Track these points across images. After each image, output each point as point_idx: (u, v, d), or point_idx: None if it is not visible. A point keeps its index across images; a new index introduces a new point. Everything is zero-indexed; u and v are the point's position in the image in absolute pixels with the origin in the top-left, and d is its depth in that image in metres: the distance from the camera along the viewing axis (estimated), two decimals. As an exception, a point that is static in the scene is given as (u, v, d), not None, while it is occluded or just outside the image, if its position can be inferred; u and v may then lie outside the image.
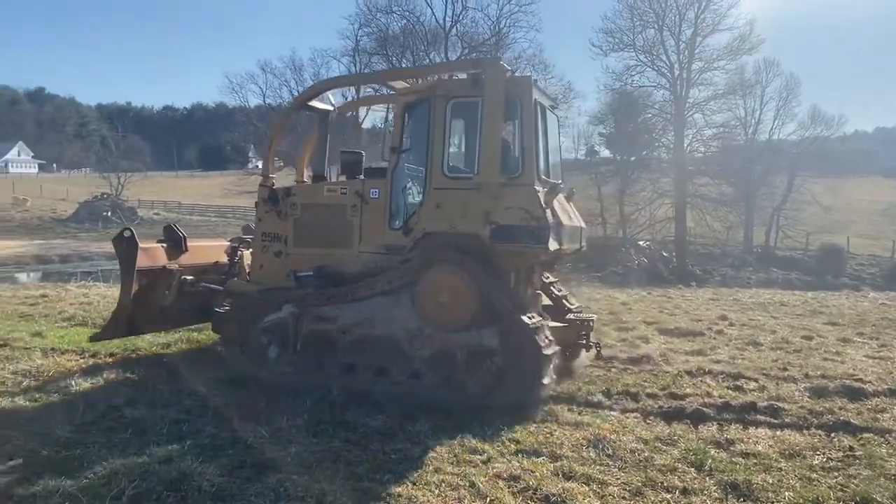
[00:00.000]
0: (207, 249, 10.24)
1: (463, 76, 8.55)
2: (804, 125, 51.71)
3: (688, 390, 8.17)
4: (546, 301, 9.45)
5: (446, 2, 50.40)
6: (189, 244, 9.72)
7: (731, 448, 6.30)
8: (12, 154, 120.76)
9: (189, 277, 9.45)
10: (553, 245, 7.73)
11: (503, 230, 7.73)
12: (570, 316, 9.27)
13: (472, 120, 8.32)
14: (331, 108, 10.33)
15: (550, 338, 7.73)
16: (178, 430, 6.37)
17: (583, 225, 9.28)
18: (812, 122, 51.76)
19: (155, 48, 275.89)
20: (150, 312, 9.14)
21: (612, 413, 7.35)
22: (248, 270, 9.58)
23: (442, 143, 8.15)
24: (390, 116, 9.06)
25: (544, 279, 9.57)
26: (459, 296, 7.62)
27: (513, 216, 7.72)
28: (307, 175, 10.35)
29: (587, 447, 6.18)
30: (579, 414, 7.22)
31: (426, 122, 8.26)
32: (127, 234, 8.83)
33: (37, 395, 7.41)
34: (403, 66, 49.10)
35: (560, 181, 8.90)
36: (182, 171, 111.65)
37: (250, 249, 9.62)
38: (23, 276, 28.56)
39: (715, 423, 7.07)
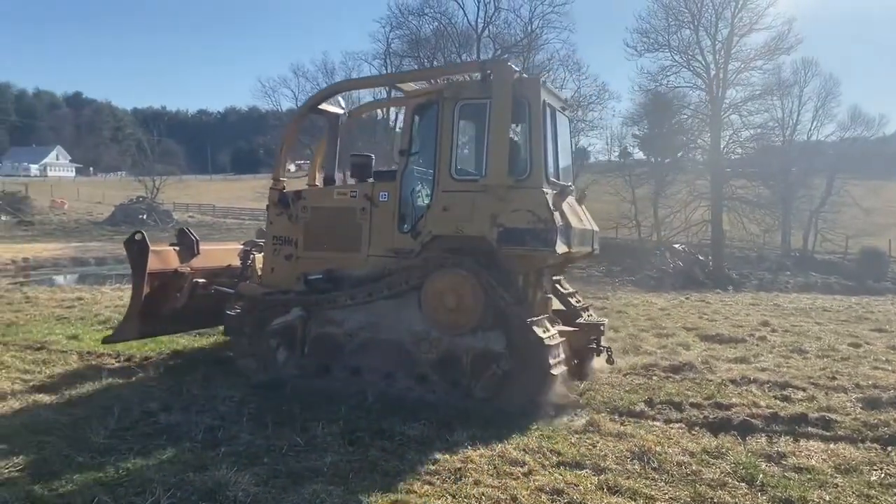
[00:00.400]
0: (220, 253, 10.28)
1: (471, 78, 8.44)
2: (844, 126, 50.59)
3: (733, 400, 7.89)
4: (558, 305, 9.24)
5: (478, 3, 50.22)
6: (201, 247, 9.74)
7: (783, 462, 6.02)
8: (51, 158, 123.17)
9: (201, 280, 9.44)
10: (561, 248, 7.65)
11: (510, 233, 7.65)
12: (581, 320, 9.11)
13: (480, 122, 8.23)
14: (341, 111, 10.31)
15: (557, 338, 7.64)
16: (212, 436, 6.30)
17: (595, 228, 9.14)
18: (852, 122, 50.63)
19: (189, 53, 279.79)
20: (161, 315, 9.19)
21: (655, 423, 7.11)
22: (259, 273, 9.55)
23: (450, 146, 8.10)
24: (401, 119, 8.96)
25: (556, 282, 9.43)
26: (465, 299, 7.56)
27: (520, 219, 7.64)
28: (319, 179, 10.29)
29: (632, 459, 5.96)
30: (622, 424, 6.99)
31: (435, 124, 8.21)
32: (138, 237, 8.88)
33: (73, 400, 7.40)
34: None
35: (570, 184, 8.77)
36: (216, 175, 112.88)
37: (263, 253, 9.60)
38: (60, 279, 28.98)
39: (764, 435, 6.79)
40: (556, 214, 7.71)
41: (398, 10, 52.39)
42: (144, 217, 60.70)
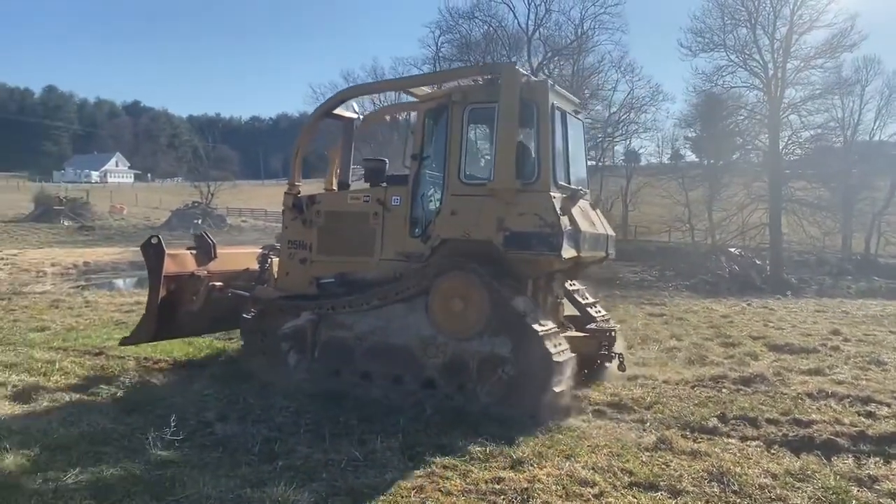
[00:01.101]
0: (238, 256, 10.31)
1: (481, 81, 8.39)
2: (908, 126, 48.68)
3: (813, 416, 7.41)
4: (572, 310, 9.28)
5: (529, 5, 49.72)
6: (219, 251, 9.79)
7: (875, 487, 5.59)
8: (110, 164, 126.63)
9: (218, 284, 9.38)
10: (568, 252, 7.56)
11: (516, 237, 7.60)
12: (592, 326, 8.99)
13: (488, 125, 8.14)
14: (355, 116, 10.32)
15: (564, 345, 7.52)
16: (269, 449, 6.13)
17: (609, 233, 9.04)
18: (917, 122, 48.67)
19: (242, 61, 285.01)
20: (178, 317, 9.23)
21: (730, 441, 6.72)
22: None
23: (459, 150, 8.06)
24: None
25: (570, 288, 9.34)
26: (470, 303, 7.52)
27: (526, 223, 7.59)
28: (335, 183, 10.30)
29: (709, 481, 5.59)
30: (695, 441, 6.62)
31: (445, 128, 8.18)
32: (154, 240, 8.94)
33: (130, 408, 7.32)
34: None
35: (581, 188, 8.64)
36: (268, 180, 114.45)
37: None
38: (119, 282, 29.55)
39: (850, 455, 6.34)
40: (564, 219, 7.65)
41: (448, 13, 52.32)
42: (199, 222, 61.73)
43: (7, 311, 14.68)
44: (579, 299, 9.37)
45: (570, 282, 9.42)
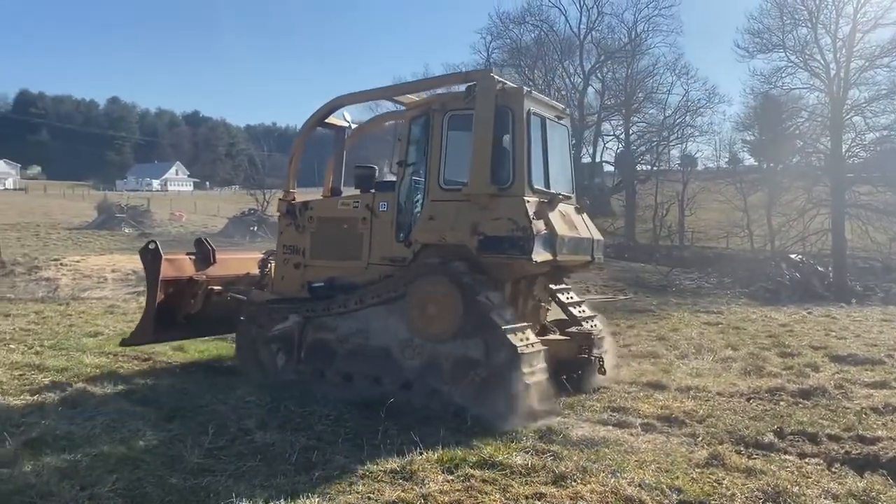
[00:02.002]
0: (237, 262, 10.66)
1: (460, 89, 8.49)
2: (981, 127, 46.42)
3: (879, 433, 6.98)
4: (560, 314, 9.36)
5: (581, 9, 49.35)
6: (218, 256, 10.13)
7: (948, 510, 5.20)
8: (170, 173, 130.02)
9: (216, 288, 9.70)
10: (541, 256, 7.66)
11: (489, 241, 7.76)
12: (573, 329, 9.00)
13: (467, 132, 8.22)
14: (346, 124, 10.54)
15: (531, 339, 7.60)
16: (307, 458, 6.03)
17: (595, 237, 9.07)
18: None
19: (296, 71, 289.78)
20: (176, 320, 9.57)
21: (788, 458, 6.35)
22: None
23: (439, 156, 8.30)
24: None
25: (557, 291, 9.37)
26: (444, 306, 7.65)
27: (499, 227, 7.73)
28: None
29: (764, 501, 5.28)
30: (749, 458, 6.28)
31: (427, 135, 8.42)
32: (152, 245, 9.35)
33: (172, 414, 7.34)
34: (536, 77, 48.53)
35: (561, 193, 8.63)
36: (321, 187, 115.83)
37: None
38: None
39: (920, 476, 5.93)
40: (539, 223, 7.77)
41: (499, 19, 52.17)
42: (255, 229, 62.75)
43: (64, 315, 15.05)
44: (564, 300, 9.41)
45: (556, 285, 9.43)
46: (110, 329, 12.98)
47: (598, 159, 56.99)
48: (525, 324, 7.86)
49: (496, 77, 8.15)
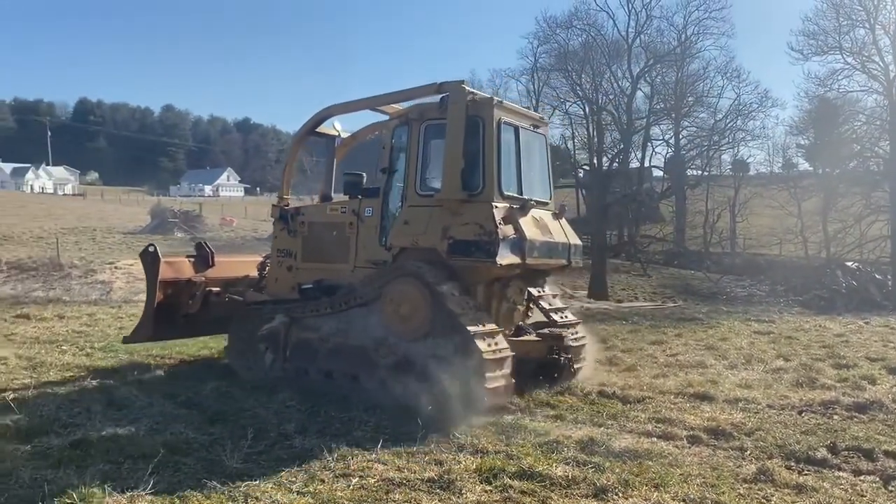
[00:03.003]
0: (236, 264, 11.10)
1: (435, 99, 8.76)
2: None
3: (940, 450, 6.66)
4: (540, 316, 9.63)
5: (629, 13, 48.65)
6: (217, 259, 10.55)
7: None
8: (222, 179, 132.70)
9: (215, 289, 10.12)
10: (506, 259, 8.00)
11: (458, 244, 8.11)
12: (544, 331, 9.22)
13: (442, 140, 8.53)
14: (336, 133, 10.94)
15: (500, 345, 7.81)
16: (345, 464, 6.01)
17: (573, 241, 9.38)
18: None
19: (343, 77, 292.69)
20: (175, 319, 9.98)
21: (841, 475, 6.06)
22: None
23: (416, 164, 8.68)
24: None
25: (536, 294, 9.68)
26: (415, 307, 8.00)
27: (468, 231, 8.08)
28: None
29: (816, 520, 5.07)
30: (800, 474, 6.04)
31: (406, 143, 8.78)
32: (151, 248, 9.82)
33: (214, 417, 7.41)
34: (583, 81, 48.08)
35: (532, 199, 8.83)
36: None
37: None
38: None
39: (984, 497, 5.63)
40: (507, 227, 8.11)
41: (546, 23, 51.79)
42: (302, 233, 63.45)
43: (115, 318, 15.41)
44: (545, 305, 9.69)
45: (535, 288, 9.72)
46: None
47: (646, 164, 56.25)
48: (494, 327, 8.06)
49: (467, 88, 8.47)
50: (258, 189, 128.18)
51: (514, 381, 7.95)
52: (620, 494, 5.39)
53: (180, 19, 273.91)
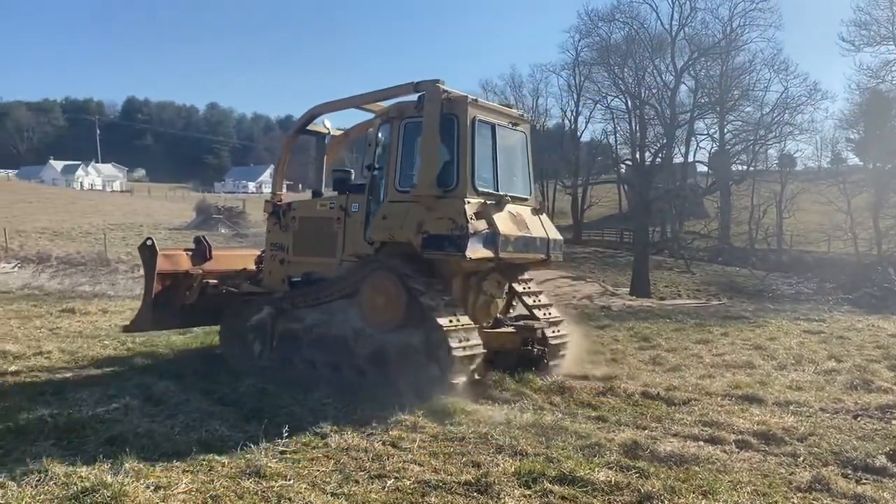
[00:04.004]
0: (234, 258, 11.47)
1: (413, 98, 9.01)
2: None
3: None
4: (521, 309, 9.95)
5: (673, 4, 47.71)
6: (215, 253, 10.91)
7: None
8: (265, 176, 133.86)
9: (212, 281, 10.45)
10: (476, 254, 8.18)
11: (431, 239, 8.34)
12: (519, 323, 9.53)
13: (420, 138, 8.75)
14: (326, 131, 11.30)
15: (472, 340, 8.04)
16: (380, 465, 5.87)
17: (553, 236, 9.53)
18: None
19: (385, 75, 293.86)
20: (173, 310, 10.29)
21: (902, 484, 5.75)
22: None
23: (396, 161, 8.95)
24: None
25: (521, 289, 9.87)
26: (390, 299, 8.33)
27: (441, 226, 8.30)
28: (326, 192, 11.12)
29: (876, 533, 4.77)
30: (858, 482, 5.71)
31: (388, 141, 9.08)
32: (149, 242, 10.12)
33: (250, 415, 7.34)
34: (626, 75, 47.38)
35: (511, 194, 9.07)
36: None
37: None
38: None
39: None
40: (480, 222, 8.32)
41: (587, 17, 51.18)
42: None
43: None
44: (527, 301, 9.84)
45: (516, 282, 9.90)
46: (199, 327, 13.24)
47: (690, 159, 55.26)
48: (466, 319, 8.28)
49: (442, 87, 8.67)
50: (300, 186, 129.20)
51: (483, 372, 8.29)
52: (666, 502, 5.15)
53: (224, 19, 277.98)
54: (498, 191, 9.00)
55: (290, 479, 5.48)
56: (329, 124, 11.27)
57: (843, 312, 21.23)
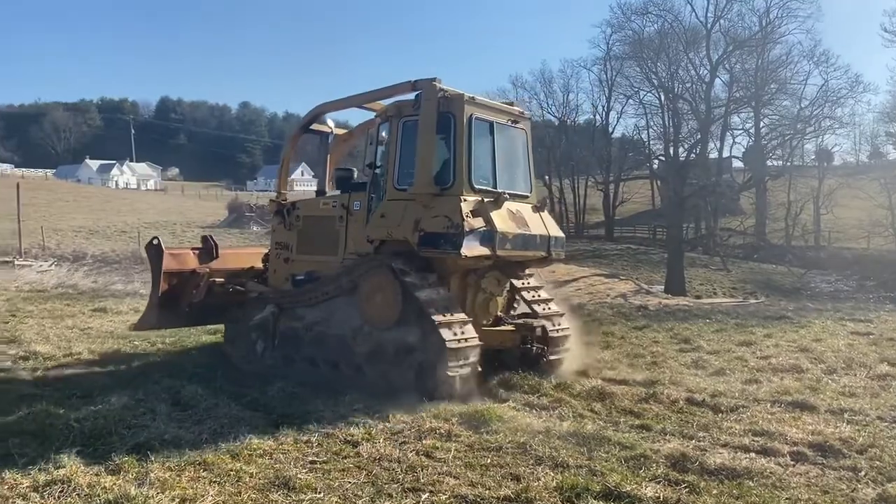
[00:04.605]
0: (240, 256, 11.56)
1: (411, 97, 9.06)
2: None
3: None
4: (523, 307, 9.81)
5: (708, -4, 46.81)
6: (221, 251, 10.97)
7: None
8: (296, 174, 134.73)
9: (219, 280, 10.45)
10: (472, 251, 8.20)
11: (427, 237, 8.37)
12: (518, 321, 9.44)
13: (416, 136, 8.75)
14: (329, 130, 11.25)
15: (467, 335, 8.04)
16: (414, 476, 5.61)
17: (553, 234, 9.51)
18: None
19: (413, 72, 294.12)
20: (180, 308, 10.34)
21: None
22: None
23: (394, 159, 8.98)
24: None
25: (520, 285, 9.77)
26: (387, 297, 8.35)
27: (437, 224, 8.33)
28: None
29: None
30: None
31: (388, 139, 9.11)
32: (155, 241, 10.23)
33: (280, 421, 7.09)
34: (659, 69, 46.64)
35: (509, 191, 9.08)
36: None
37: None
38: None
39: None
40: (476, 220, 8.31)
41: (620, 10, 50.49)
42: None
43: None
44: (527, 297, 9.75)
45: (518, 280, 9.83)
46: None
47: (725, 154, 54.25)
48: (462, 317, 8.28)
49: (438, 85, 8.67)
50: (332, 184, 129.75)
51: (479, 369, 8.21)
52: (720, 521, 4.81)
53: (256, 19, 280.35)
54: (497, 188, 8.99)
55: (319, 492, 5.25)
56: (332, 123, 11.30)
57: (887, 311, 20.51)
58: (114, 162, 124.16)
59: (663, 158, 50.67)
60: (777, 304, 22.93)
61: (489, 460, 6.01)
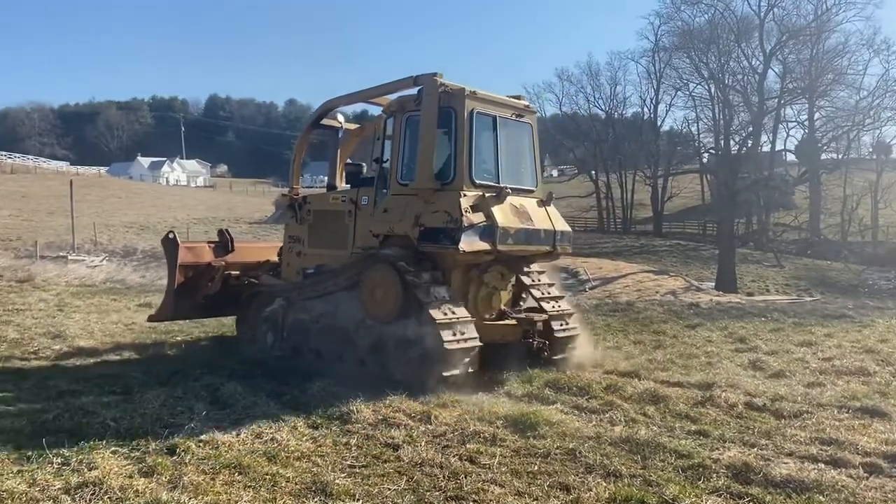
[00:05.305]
0: (256, 250, 11.78)
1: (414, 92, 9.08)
2: None
3: None
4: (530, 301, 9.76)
5: (761, -16, 45.43)
6: (237, 245, 11.14)
7: None
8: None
9: (234, 273, 10.69)
10: (471, 246, 8.25)
11: (428, 232, 8.47)
12: (521, 315, 9.33)
13: (418, 131, 8.77)
14: (339, 125, 11.32)
15: (467, 333, 8.09)
16: (457, 483, 5.32)
17: (559, 228, 9.48)
18: None
19: (454, 67, 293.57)
20: (195, 300, 10.58)
21: None
22: None
23: (398, 154, 9.07)
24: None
25: (529, 282, 9.70)
26: (387, 291, 8.41)
27: (437, 219, 8.41)
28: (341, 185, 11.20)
29: None
30: None
31: (392, 135, 9.19)
32: (171, 235, 10.47)
33: (319, 423, 6.87)
34: (709, 60, 45.49)
35: (513, 186, 9.01)
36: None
37: None
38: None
39: None
40: (476, 215, 8.35)
41: (669, 1, 49.35)
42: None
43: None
44: (536, 293, 9.65)
45: (524, 274, 9.75)
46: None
47: (778, 148, 52.73)
48: (462, 312, 8.30)
49: (440, 80, 8.64)
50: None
51: (477, 365, 8.26)
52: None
53: (302, 18, 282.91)
54: (500, 183, 8.95)
55: (358, 499, 4.99)
56: (342, 119, 11.36)
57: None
58: (164, 159, 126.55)
59: (714, 152, 49.48)
60: (834, 301, 22.05)
61: (536, 467, 5.69)
